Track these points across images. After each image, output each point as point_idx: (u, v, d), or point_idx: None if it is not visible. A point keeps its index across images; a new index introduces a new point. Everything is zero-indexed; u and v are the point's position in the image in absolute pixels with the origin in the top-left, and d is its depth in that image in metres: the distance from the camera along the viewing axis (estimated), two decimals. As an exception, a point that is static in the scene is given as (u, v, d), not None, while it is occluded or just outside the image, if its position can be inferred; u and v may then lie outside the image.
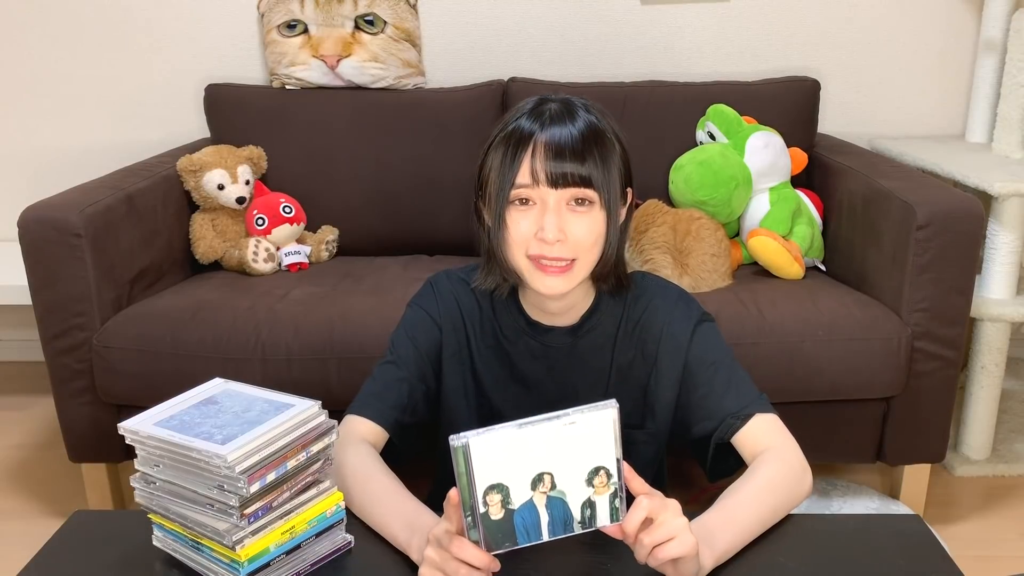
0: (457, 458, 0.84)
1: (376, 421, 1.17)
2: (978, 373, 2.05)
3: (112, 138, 2.60)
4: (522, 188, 1.07)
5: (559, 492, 0.88)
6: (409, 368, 1.20)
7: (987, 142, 2.36)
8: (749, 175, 2.09)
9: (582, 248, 1.09)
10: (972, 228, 1.72)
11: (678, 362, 1.18)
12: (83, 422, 1.84)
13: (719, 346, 1.19)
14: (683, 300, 1.21)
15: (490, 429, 0.84)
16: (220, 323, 1.79)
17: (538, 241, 1.08)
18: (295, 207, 2.20)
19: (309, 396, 1.01)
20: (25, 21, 2.53)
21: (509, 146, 1.08)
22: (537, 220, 1.07)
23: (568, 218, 1.08)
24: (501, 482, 0.86)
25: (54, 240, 1.75)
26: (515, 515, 0.88)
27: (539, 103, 1.11)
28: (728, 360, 1.19)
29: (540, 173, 1.06)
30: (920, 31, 2.47)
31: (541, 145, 1.06)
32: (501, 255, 1.12)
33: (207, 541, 0.96)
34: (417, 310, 1.23)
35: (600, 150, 1.08)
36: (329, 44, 2.33)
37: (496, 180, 1.09)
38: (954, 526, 1.93)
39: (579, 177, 1.06)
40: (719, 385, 1.16)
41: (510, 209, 1.09)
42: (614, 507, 0.90)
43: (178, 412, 0.99)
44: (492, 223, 1.12)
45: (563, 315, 1.20)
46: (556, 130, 1.07)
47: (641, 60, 2.50)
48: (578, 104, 1.11)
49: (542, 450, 0.86)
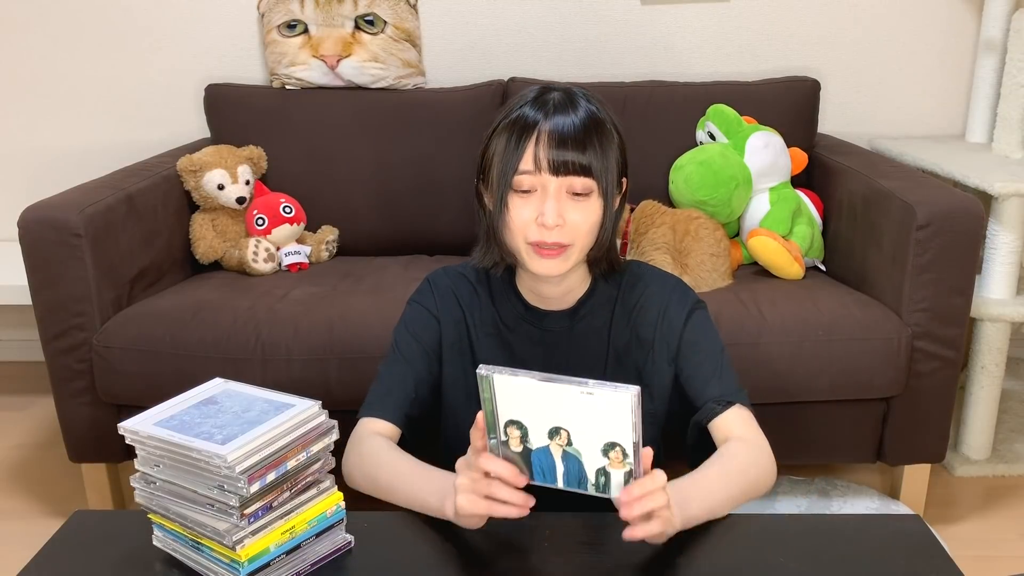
0: (482, 385, 0.92)
1: (387, 419, 1.21)
2: (978, 373, 2.05)
3: (112, 138, 2.60)
4: (525, 174, 1.11)
5: (575, 450, 0.93)
6: (413, 363, 1.25)
7: (987, 142, 2.36)
8: (749, 175, 2.09)
9: (578, 234, 1.13)
10: (972, 228, 1.72)
11: (673, 345, 1.23)
12: (83, 422, 1.84)
13: (710, 333, 1.25)
14: (679, 287, 1.26)
15: (515, 372, 0.91)
16: (220, 323, 1.79)
17: (537, 227, 1.12)
18: (295, 207, 2.20)
19: (309, 396, 1.01)
20: (25, 21, 2.53)
21: (513, 133, 1.12)
22: (537, 206, 1.12)
23: (567, 204, 1.12)
24: (520, 420, 0.93)
25: (54, 240, 1.75)
26: (532, 454, 0.94)
27: (542, 92, 1.16)
28: (717, 348, 1.24)
29: (543, 160, 1.10)
30: (920, 31, 2.47)
31: (545, 133, 1.11)
32: (501, 238, 1.17)
33: (207, 541, 0.96)
34: (416, 306, 1.28)
35: (600, 139, 1.12)
36: (329, 44, 2.33)
37: (499, 165, 1.13)
38: (954, 526, 1.93)
39: (579, 165, 1.11)
40: (706, 370, 1.22)
41: (512, 196, 1.13)
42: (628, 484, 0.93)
43: (178, 412, 0.99)
44: (493, 206, 1.16)
45: (560, 299, 1.24)
46: (559, 119, 1.11)
47: (641, 60, 2.50)
48: (579, 94, 1.16)
49: (559, 408, 0.91)
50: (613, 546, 1.03)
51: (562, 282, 1.21)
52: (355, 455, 1.17)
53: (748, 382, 1.71)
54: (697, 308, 1.25)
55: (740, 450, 1.16)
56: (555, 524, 1.09)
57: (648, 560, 1.01)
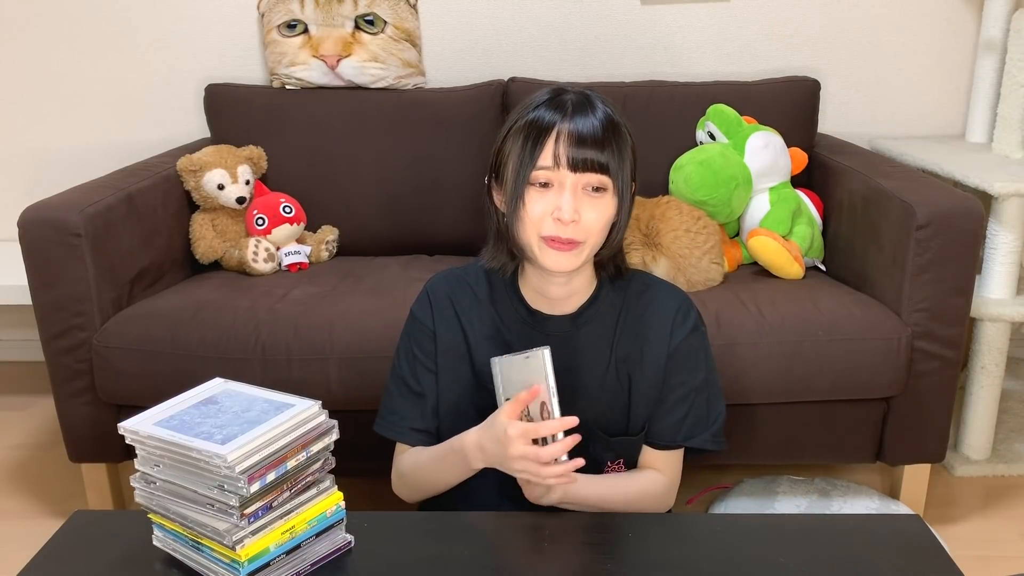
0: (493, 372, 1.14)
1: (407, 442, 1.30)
2: (978, 373, 2.05)
3: (112, 138, 2.60)
4: (543, 170, 1.13)
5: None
6: (419, 377, 1.29)
7: (987, 142, 2.36)
8: (749, 175, 2.09)
9: (592, 231, 1.15)
10: (972, 228, 1.72)
11: (663, 364, 1.25)
12: (83, 422, 1.84)
13: (697, 363, 1.27)
14: (684, 306, 1.27)
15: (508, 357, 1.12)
16: (220, 323, 1.79)
17: (553, 221, 1.14)
18: (295, 207, 2.20)
19: (309, 396, 1.01)
20: (25, 21, 2.53)
21: (531, 132, 1.14)
22: (554, 200, 1.14)
23: (583, 201, 1.14)
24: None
25: (54, 240, 1.75)
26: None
27: (556, 94, 1.18)
28: (699, 381, 1.26)
29: (562, 157, 1.13)
30: (920, 31, 2.47)
31: (565, 132, 1.13)
32: (514, 233, 1.18)
33: (207, 541, 0.96)
34: (413, 320, 1.31)
35: (617, 140, 1.15)
36: (329, 44, 2.33)
37: (515, 162, 1.15)
38: (954, 526, 1.93)
39: (598, 164, 1.13)
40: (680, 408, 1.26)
41: (528, 190, 1.15)
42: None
43: (178, 412, 0.99)
44: (507, 204, 1.18)
45: (563, 303, 1.25)
46: (579, 119, 1.14)
47: (641, 60, 2.50)
48: (595, 96, 1.18)
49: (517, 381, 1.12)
50: (613, 546, 1.03)
51: (569, 281, 1.22)
52: (396, 477, 1.31)
53: (748, 382, 1.73)
54: (692, 335, 1.26)
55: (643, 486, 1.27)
56: (555, 524, 1.09)
57: (648, 560, 1.02)
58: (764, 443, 1.83)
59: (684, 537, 1.04)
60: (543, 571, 1.01)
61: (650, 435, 1.27)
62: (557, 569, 1.02)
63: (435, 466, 1.24)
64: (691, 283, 1.91)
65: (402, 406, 1.29)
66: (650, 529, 1.09)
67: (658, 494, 1.27)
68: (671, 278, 1.90)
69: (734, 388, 1.71)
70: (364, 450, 1.42)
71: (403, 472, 1.29)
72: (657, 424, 1.26)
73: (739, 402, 1.72)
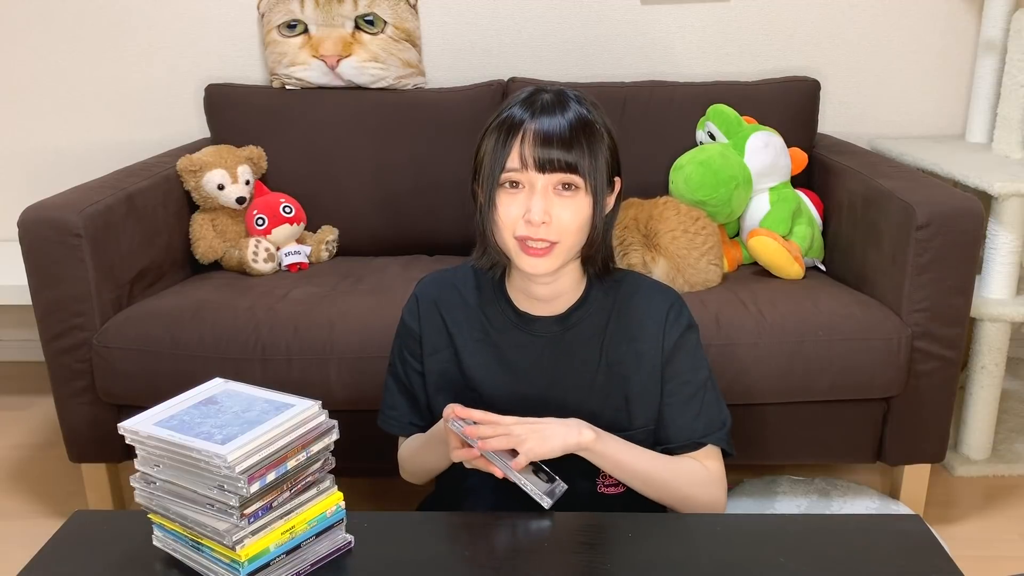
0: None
1: (405, 435, 1.33)
2: (978, 373, 2.05)
3: (112, 138, 2.60)
4: (512, 172, 1.13)
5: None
6: (410, 379, 1.30)
7: (987, 142, 2.36)
8: (749, 175, 2.09)
9: (566, 232, 1.14)
10: (972, 228, 1.72)
11: (660, 363, 1.24)
12: (83, 422, 1.84)
13: (698, 360, 1.25)
14: (676, 306, 1.26)
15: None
16: (220, 323, 1.79)
17: (525, 223, 1.13)
18: (295, 207, 2.20)
19: (309, 396, 1.01)
20: (25, 21, 2.53)
21: (501, 132, 1.14)
22: (524, 203, 1.13)
23: (554, 202, 1.13)
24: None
25: (54, 240, 1.75)
26: None
27: (533, 93, 1.17)
28: (703, 377, 1.25)
29: (528, 158, 1.12)
30: (920, 31, 2.47)
31: (531, 132, 1.12)
32: (491, 235, 1.18)
33: (207, 541, 0.96)
34: (401, 323, 1.32)
35: (588, 139, 1.13)
36: (329, 44, 2.33)
37: (488, 163, 1.15)
38: (954, 526, 1.93)
39: (565, 163, 1.12)
40: (692, 405, 1.24)
41: (500, 192, 1.15)
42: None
43: (178, 412, 0.99)
44: (483, 207, 1.18)
45: (550, 304, 1.24)
46: (545, 119, 1.13)
47: (641, 60, 2.50)
48: (570, 96, 1.17)
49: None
50: (613, 546, 1.03)
51: (553, 282, 1.21)
52: (400, 463, 1.35)
53: (748, 382, 1.73)
54: (688, 332, 1.25)
55: (690, 465, 1.23)
56: (555, 524, 1.09)
57: (648, 560, 1.02)
58: (764, 443, 1.83)
59: (684, 537, 1.04)
60: (543, 571, 1.01)
61: (669, 440, 1.24)
62: (557, 569, 1.02)
63: (422, 452, 1.28)
64: (690, 284, 1.91)
65: (400, 403, 1.31)
66: (650, 529, 1.08)
67: (703, 481, 1.22)
68: (670, 279, 1.90)
69: (734, 388, 1.71)
70: (364, 450, 1.42)
71: (402, 459, 1.33)
72: (672, 427, 1.23)
73: (739, 402, 1.72)
